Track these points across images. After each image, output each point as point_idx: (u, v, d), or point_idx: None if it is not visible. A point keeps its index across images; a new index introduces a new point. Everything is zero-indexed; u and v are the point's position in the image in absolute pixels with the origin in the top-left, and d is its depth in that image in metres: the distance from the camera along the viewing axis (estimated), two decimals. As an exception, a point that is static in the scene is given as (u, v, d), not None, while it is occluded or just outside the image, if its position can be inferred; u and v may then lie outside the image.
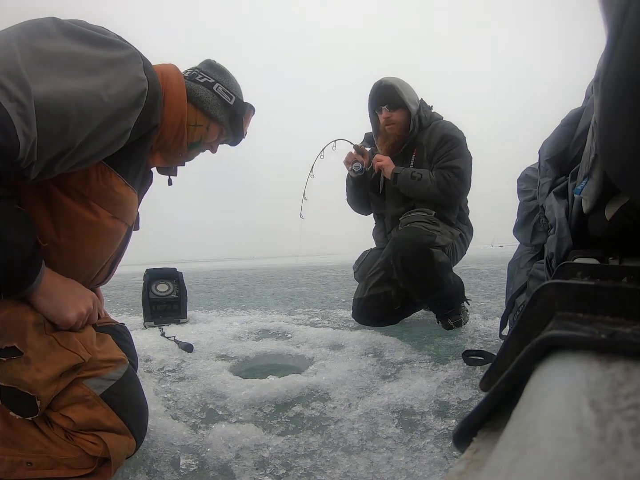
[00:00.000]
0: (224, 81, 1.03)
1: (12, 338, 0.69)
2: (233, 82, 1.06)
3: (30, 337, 0.71)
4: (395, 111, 1.93)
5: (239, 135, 1.11)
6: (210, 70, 1.03)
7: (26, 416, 0.71)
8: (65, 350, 0.75)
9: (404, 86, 1.93)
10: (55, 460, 0.73)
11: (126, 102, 0.75)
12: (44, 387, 0.71)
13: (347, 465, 0.85)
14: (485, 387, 0.28)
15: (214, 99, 1.01)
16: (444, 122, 2.00)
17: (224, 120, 1.04)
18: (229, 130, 1.07)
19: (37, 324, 0.73)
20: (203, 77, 1.01)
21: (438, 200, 1.90)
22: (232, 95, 1.03)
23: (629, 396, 0.16)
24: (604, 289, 0.26)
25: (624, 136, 0.35)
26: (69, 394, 0.76)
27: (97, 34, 0.74)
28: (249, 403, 1.12)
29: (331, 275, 5.42)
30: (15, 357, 0.69)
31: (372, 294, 1.96)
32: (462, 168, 1.88)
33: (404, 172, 1.91)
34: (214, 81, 1.01)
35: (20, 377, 0.69)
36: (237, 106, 1.04)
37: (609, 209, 0.70)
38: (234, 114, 1.05)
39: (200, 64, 1.06)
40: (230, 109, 1.04)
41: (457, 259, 2.00)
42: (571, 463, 0.14)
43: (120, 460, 0.79)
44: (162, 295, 2.14)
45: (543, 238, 1.15)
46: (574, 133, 0.98)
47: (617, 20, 0.29)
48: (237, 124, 1.07)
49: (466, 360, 1.35)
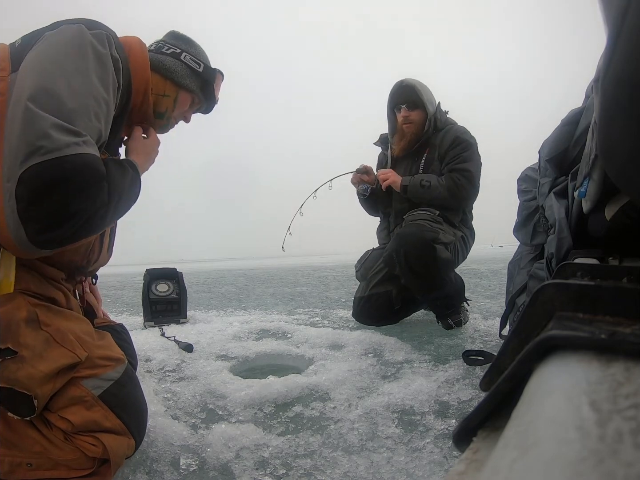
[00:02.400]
0: (190, 50, 1.05)
1: (6, 339, 0.69)
2: (199, 50, 1.08)
3: (24, 336, 0.71)
4: (413, 111, 1.99)
5: (211, 102, 1.13)
6: (176, 40, 1.06)
7: (24, 416, 0.71)
8: (61, 348, 0.75)
9: (424, 88, 2.00)
10: (55, 461, 0.73)
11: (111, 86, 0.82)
12: (40, 385, 0.70)
13: (347, 465, 0.85)
14: (485, 387, 0.28)
15: (183, 68, 1.03)
16: (458, 126, 2.05)
17: (194, 88, 1.06)
18: (201, 97, 1.09)
19: (30, 320, 0.73)
20: (169, 48, 1.04)
21: (447, 203, 1.93)
22: (200, 62, 1.06)
23: (629, 396, 0.16)
24: (604, 289, 0.26)
25: (624, 136, 0.35)
26: (67, 395, 0.75)
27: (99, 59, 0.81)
28: (249, 403, 1.12)
29: (331, 275, 5.42)
30: (10, 357, 0.69)
31: (373, 293, 1.97)
32: (473, 171, 1.91)
33: (413, 182, 1.94)
34: (180, 51, 1.04)
35: (16, 377, 0.69)
36: (206, 73, 1.07)
37: (609, 209, 0.70)
38: (204, 80, 1.07)
39: (164, 35, 1.08)
40: (200, 77, 1.06)
41: (459, 260, 2.01)
42: (571, 463, 0.14)
43: (120, 461, 0.79)
44: (162, 295, 2.14)
45: (543, 238, 1.15)
46: (574, 133, 0.98)
47: (617, 20, 0.29)
48: (208, 90, 1.09)
49: (466, 360, 1.35)
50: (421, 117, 2.00)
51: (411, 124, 2.00)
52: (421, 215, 1.88)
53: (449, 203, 1.92)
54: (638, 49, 0.28)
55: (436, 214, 1.91)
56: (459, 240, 1.93)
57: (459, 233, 1.95)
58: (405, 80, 2.01)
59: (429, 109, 1.97)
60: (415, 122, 2.00)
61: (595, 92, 0.47)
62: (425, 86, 2.02)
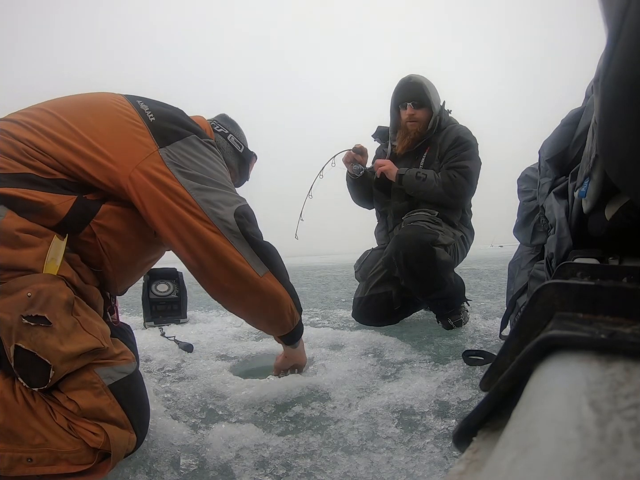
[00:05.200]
0: (235, 132, 1.24)
1: (45, 309, 0.73)
2: (242, 134, 1.27)
3: (60, 313, 0.75)
4: (419, 109, 1.97)
5: (244, 178, 1.31)
6: (225, 122, 1.24)
7: (34, 386, 0.73)
8: (87, 334, 0.79)
9: (431, 86, 1.98)
10: (56, 456, 0.73)
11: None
12: (61, 361, 0.73)
13: (347, 465, 0.85)
14: (485, 387, 0.28)
15: (229, 146, 1.21)
16: (460, 126, 2.03)
17: (234, 165, 1.23)
18: (237, 174, 1.27)
19: (68, 303, 0.78)
20: (220, 127, 1.22)
21: (443, 200, 1.91)
22: (241, 144, 1.24)
23: (629, 396, 0.16)
24: (604, 289, 0.26)
25: (624, 136, 0.35)
26: (79, 378, 0.78)
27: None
28: (249, 403, 1.12)
29: (331, 275, 5.42)
30: (43, 325, 0.73)
31: (373, 293, 1.96)
32: (470, 168, 1.90)
33: (409, 173, 1.92)
34: (228, 132, 1.22)
35: (43, 344, 0.72)
36: (245, 154, 1.25)
37: (609, 209, 0.70)
38: (243, 160, 1.25)
39: (216, 116, 1.26)
40: (240, 156, 1.24)
41: (458, 260, 2.00)
42: (571, 463, 0.14)
43: (121, 453, 0.79)
44: (162, 295, 2.14)
45: (543, 238, 1.15)
46: (574, 133, 0.98)
47: (617, 20, 0.29)
48: (244, 168, 1.28)
49: (466, 360, 1.35)
50: (426, 116, 1.97)
51: (416, 122, 1.97)
52: (420, 217, 1.87)
53: (444, 199, 1.90)
54: (638, 49, 0.28)
55: (435, 214, 1.90)
56: (459, 241, 1.93)
57: (459, 233, 1.95)
58: (412, 76, 1.98)
59: (434, 109, 1.95)
60: (420, 120, 1.97)
61: (595, 92, 0.47)
62: (432, 84, 1.99)
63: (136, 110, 0.94)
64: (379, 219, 2.23)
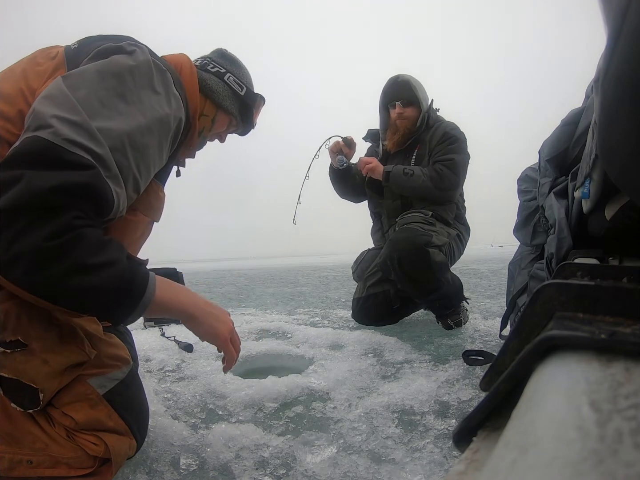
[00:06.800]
0: (234, 71, 1.03)
1: (17, 330, 0.68)
2: (244, 72, 1.05)
3: (34, 330, 0.70)
4: (408, 107, 1.99)
5: (248, 126, 1.10)
6: (222, 59, 1.03)
7: (27, 408, 0.71)
8: (70, 344, 0.74)
9: (419, 85, 2.01)
10: (56, 459, 0.73)
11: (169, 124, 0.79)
12: (47, 380, 0.70)
13: (347, 465, 0.85)
14: (485, 387, 0.28)
15: (225, 89, 1.00)
16: (447, 122, 2.05)
17: (234, 111, 1.03)
18: (239, 121, 1.07)
19: (41, 313, 0.71)
20: (214, 66, 1.01)
21: (432, 194, 1.91)
22: (243, 85, 1.03)
23: (629, 396, 0.16)
24: (604, 289, 0.26)
25: (624, 136, 0.35)
26: (72, 391, 0.76)
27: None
28: (249, 403, 1.12)
29: (331, 275, 5.42)
30: (19, 350, 0.68)
31: (371, 293, 1.96)
32: (456, 160, 1.90)
33: (396, 170, 1.92)
34: (225, 71, 1.01)
35: (25, 369, 0.68)
36: (247, 97, 1.04)
37: (609, 209, 0.70)
38: (245, 104, 1.05)
39: (211, 52, 1.05)
40: (241, 100, 1.03)
41: (455, 258, 2.00)
42: (571, 463, 0.14)
43: (121, 461, 0.79)
44: (162, 295, 2.14)
45: (543, 238, 1.15)
46: (574, 133, 0.98)
47: (617, 20, 0.29)
48: (247, 114, 1.07)
49: (466, 360, 1.35)
50: (415, 114, 2.00)
51: (405, 120, 2.00)
52: (414, 218, 1.87)
53: (432, 194, 1.90)
54: (638, 49, 0.28)
55: (429, 215, 1.90)
56: (454, 239, 1.93)
57: (454, 232, 1.95)
58: (400, 76, 2.01)
59: (423, 106, 1.98)
60: (409, 118, 2.00)
61: (595, 92, 0.47)
62: (420, 82, 2.02)
63: (64, 48, 0.80)
64: (373, 220, 2.23)
